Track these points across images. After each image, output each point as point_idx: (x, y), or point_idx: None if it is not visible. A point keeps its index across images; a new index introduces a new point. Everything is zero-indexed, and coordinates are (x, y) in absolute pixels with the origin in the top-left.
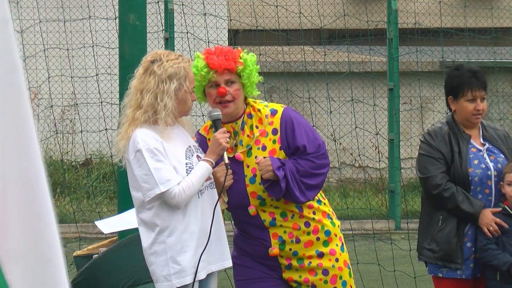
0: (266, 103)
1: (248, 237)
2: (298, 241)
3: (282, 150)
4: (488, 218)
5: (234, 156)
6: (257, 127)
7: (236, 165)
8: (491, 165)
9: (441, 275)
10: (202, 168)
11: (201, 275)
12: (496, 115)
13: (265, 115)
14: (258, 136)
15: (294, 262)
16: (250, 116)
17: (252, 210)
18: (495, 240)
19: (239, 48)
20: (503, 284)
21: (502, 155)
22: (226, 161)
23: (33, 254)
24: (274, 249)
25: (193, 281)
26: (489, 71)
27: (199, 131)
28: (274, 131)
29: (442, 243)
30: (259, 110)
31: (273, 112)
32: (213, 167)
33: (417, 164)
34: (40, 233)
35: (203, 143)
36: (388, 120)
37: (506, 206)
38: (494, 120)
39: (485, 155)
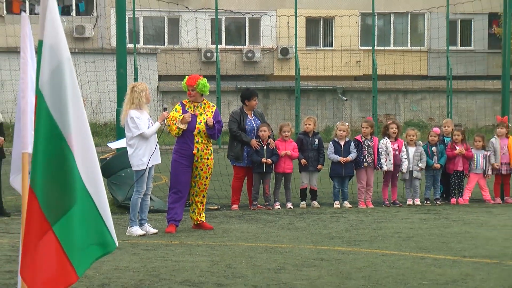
0: (210, 103)
1: (187, 147)
2: (203, 150)
3: (212, 119)
4: (253, 143)
5: (195, 114)
6: (207, 108)
7: (195, 118)
8: (254, 125)
9: (235, 164)
10: (157, 125)
11: (150, 165)
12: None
13: (211, 105)
14: (207, 111)
15: (199, 159)
16: (205, 103)
17: (195, 132)
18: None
19: (199, 75)
20: (258, 170)
21: (259, 121)
22: (180, 126)
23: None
24: (195, 151)
25: (146, 167)
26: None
27: (182, 102)
28: (212, 112)
29: (235, 152)
30: (209, 102)
31: (213, 105)
32: (162, 126)
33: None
34: (87, 137)
35: (183, 107)
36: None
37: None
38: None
39: (253, 123)
